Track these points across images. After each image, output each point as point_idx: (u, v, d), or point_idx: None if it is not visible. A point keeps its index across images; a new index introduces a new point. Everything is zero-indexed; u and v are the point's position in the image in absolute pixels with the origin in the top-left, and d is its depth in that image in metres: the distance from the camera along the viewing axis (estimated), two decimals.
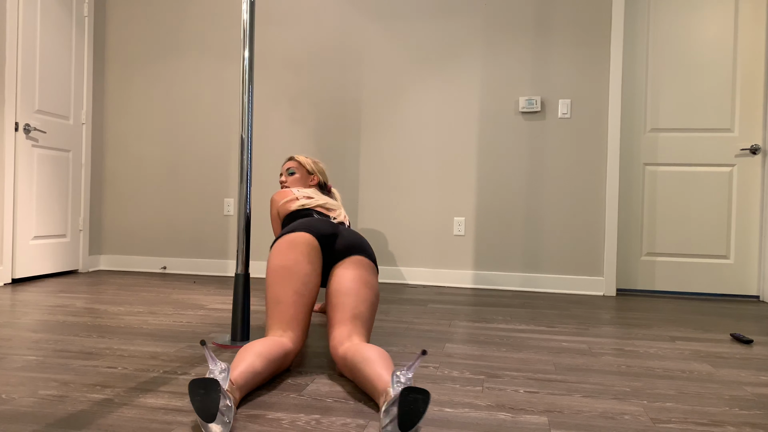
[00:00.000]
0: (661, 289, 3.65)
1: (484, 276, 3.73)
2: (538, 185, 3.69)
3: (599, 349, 2.15)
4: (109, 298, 3.02)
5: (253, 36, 2.12)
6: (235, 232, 4.08)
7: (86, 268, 4.10)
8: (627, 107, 3.67)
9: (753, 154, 3.54)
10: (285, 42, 4.01)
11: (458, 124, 3.78)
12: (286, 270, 1.79)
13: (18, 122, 3.45)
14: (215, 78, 4.11)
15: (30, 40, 3.53)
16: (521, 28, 3.71)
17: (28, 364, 1.78)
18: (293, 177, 2.66)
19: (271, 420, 1.36)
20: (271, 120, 4.03)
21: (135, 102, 4.24)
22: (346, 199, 3.93)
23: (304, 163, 2.69)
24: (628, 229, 3.68)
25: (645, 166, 3.66)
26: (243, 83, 2.12)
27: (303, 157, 2.69)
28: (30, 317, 2.48)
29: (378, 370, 1.42)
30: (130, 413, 1.38)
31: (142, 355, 1.91)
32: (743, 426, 1.39)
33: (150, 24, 4.21)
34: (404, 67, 3.85)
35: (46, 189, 3.70)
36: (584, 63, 3.63)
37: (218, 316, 2.60)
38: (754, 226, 3.55)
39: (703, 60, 3.60)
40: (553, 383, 1.70)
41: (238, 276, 2.09)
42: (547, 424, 1.37)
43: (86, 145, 4.06)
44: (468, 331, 2.42)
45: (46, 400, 1.46)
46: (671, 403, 1.55)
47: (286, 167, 2.71)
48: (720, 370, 1.89)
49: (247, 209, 2.11)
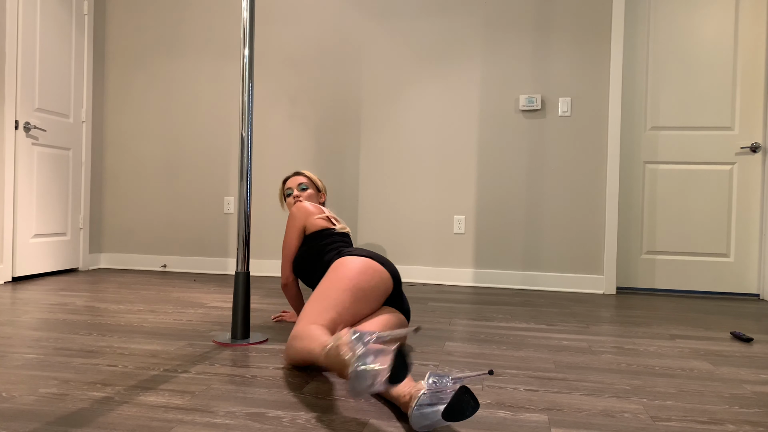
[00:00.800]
0: (661, 287, 3.65)
1: (484, 274, 3.73)
2: (538, 183, 3.68)
3: (599, 347, 2.15)
4: (109, 296, 3.03)
5: (253, 34, 2.12)
6: (235, 231, 4.09)
7: (86, 267, 4.10)
8: (627, 105, 3.67)
9: (753, 152, 3.54)
10: (285, 40, 4.01)
11: (458, 122, 3.78)
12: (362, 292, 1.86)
13: (18, 120, 3.45)
14: (215, 76, 4.11)
15: (30, 38, 3.53)
16: (521, 26, 3.70)
17: (28, 362, 1.78)
18: (307, 192, 2.47)
19: (271, 418, 1.36)
20: (271, 118, 4.03)
21: (135, 100, 4.23)
22: (345, 197, 3.93)
23: (315, 180, 2.54)
24: (629, 227, 3.68)
25: (645, 165, 3.66)
26: (243, 81, 2.11)
27: (309, 172, 2.58)
28: (30, 315, 2.49)
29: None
30: (131, 411, 1.38)
31: (143, 354, 1.91)
32: (743, 424, 1.39)
33: (150, 22, 4.21)
34: (404, 65, 3.85)
35: (46, 187, 3.70)
36: (584, 61, 3.62)
37: (218, 315, 2.60)
38: (754, 225, 3.54)
39: (704, 58, 3.59)
40: (553, 381, 1.70)
41: (238, 274, 2.09)
42: (547, 422, 1.37)
43: (86, 144, 4.06)
44: (468, 329, 2.42)
45: (46, 398, 1.46)
46: (671, 401, 1.55)
47: (297, 182, 2.49)
48: (720, 369, 1.89)
49: (247, 207, 2.11)
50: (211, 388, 1.57)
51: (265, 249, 4.02)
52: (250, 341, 2.08)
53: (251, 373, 1.72)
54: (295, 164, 3.98)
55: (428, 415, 1.23)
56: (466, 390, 1.22)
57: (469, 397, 1.22)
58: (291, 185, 2.49)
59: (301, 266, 2.23)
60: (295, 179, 2.51)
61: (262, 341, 2.10)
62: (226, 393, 1.53)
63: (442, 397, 1.24)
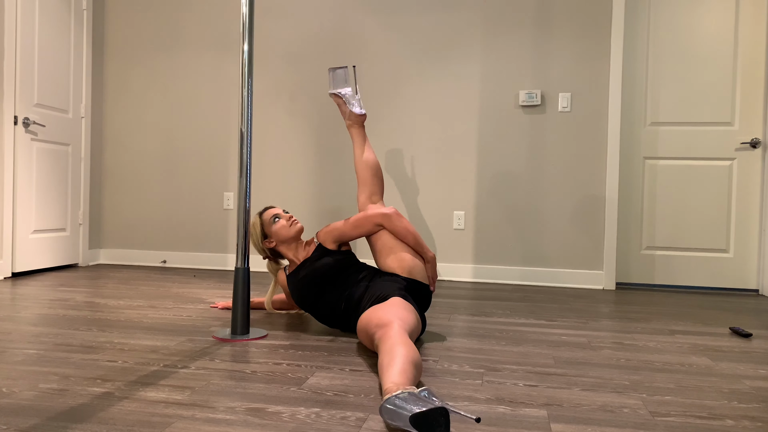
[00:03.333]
0: (660, 282, 3.65)
1: (484, 270, 3.74)
2: (538, 179, 3.68)
3: (599, 342, 2.15)
4: (109, 292, 3.03)
5: (252, 29, 2.11)
6: (234, 226, 4.08)
7: (86, 262, 4.10)
8: (627, 101, 3.67)
9: (753, 147, 3.54)
10: (284, 35, 4.00)
11: (458, 117, 3.77)
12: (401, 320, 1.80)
13: (17, 116, 3.45)
14: (215, 71, 4.10)
15: (29, 33, 3.52)
16: (521, 21, 3.69)
17: (28, 358, 1.78)
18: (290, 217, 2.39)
19: (271, 413, 1.36)
20: (270, 113, 4.02)
21: (134, 95, 4.23)
22: (345, 195, 3.92)
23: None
24: (628, 222, 3.68)
25: (645, 160, 3.66)
26: (242, 77, 2.11)
27: None
28: (30, 311, 2.49)
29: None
30: (131, 407, 1.39)
31: (143, 349, 1.91)
32: (742, 419, 1.40)
33: (149, 17, 4.20)
34: (403, 60, 3.84)
35: (46, 183, 3.70)
36: (584, 56, 3.62)
37: (218, 310, 2.60)
38: (753, 220, 3.55)
39: (704, 53, 3.59)
40: (552, 377, 1.70)
41: (238, 270, 2.09)
42: (546, 418, 1.37)
43: (85, 139, 4.06)
44: (467, 324, 2.42)
45: (46, 394, 1.46)
46: (670, 397, 1.55)
47: (280, 210, 2.34)
48: (719, 364, 1.90)
49: (246, 203, 2.11)
50: (210, 383, 1.57)
51: None
52: (249, 337, 2.08)
53: (251, 368, 1.72)
54: (294, 159, 3.98)
55: (398, 412, 1.20)
56: (446, 413, 1.18)
57: (445, 420, 1.17)
58: (276, 212, 2.32)
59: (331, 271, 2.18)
60: (273, 209, 2.35)
61: (262, 337, 2.11)
62: (226, 388, 1.53)
63: (422, 405, 1.19)
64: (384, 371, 1.42)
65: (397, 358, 1.46)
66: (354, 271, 2.19)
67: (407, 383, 1.36)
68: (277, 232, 2.28)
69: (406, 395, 1.24)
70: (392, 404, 1.23)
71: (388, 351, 1.51)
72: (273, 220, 2.29)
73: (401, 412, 1.20)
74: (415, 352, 1.53)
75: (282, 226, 2.27)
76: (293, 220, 2.31)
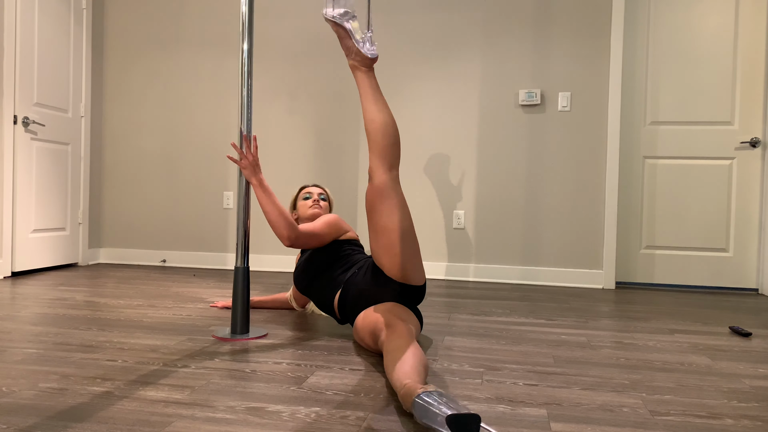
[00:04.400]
0: (660, 282, 3.65)
1: (484, 269, 3.74)
2: (537, 178, 3.68)
3: (598, 342, 2.15)
4: (108, 291, 3.03)
5: (252, 28, 2.11)
6: (234, 226, 4.08)
7: (86, 262, 4.10)
8: (627, 100, 3.67)
9: (753, 147, 3.54)
10: (284, 34, 4.00)
11: (458, 116, 3.77)
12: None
13: (17, 115, 3.44)
14: (215, 70, 4.10)
15: (28, 32, 3.52)
16: (521, 20, 3.69)
17: (28, 357, 1.78)
18: (324, 204, 2.47)
19: (271, 413, 1.36)
20: (270, 112, 4.02)
21: (134, 94, 4.22)
22: (345, 192, 3.93)
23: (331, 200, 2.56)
24: (628, 222, 3.68)
25: (645, 159, 3.66)
26: (242, 76, 2.11)
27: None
28: (30, 310, 2.49)
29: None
30: (131, 406, 1.39)
31: (142, 348, 1.91)
32: (741, 418, 1.40)
33: (149, 16, 4.19)
34: (404, 59, 3.84)
35: (46, 182, 3.70)
36: (584, 56, 3.62)
37: (218, 310, 2.60)
38: (753, 220, 3.55)
39: (704, 53, 3.59)
40: (552, 376, 1.71)
41: (237, 269, 2.09)
42: (546, 417, 1.37)
43: (85, 138, 4.06)
44: (467, 323, 2.42)
45: (46, 393, 1.46)
46: (670, 396, 1.55)
47: (318, 191, 2.47)
48: (719, 363, 1.90)
49: (246, 202, 2.11)
50: (210, 382, 1.57)
51: (265, 244, 4.02)
52: (249, 336, 2.08)
53: (251, 367, 1.72)
54: (294, 158, 3.98)
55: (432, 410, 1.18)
56: (479, 420, 1.14)
57: (476, 428, 1.14)
58: (311, 191, 2.46)
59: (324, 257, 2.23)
60: (316, 188, 2.49)
61: (262, 336, 2.11)
62: (226, 387, 1.53)
63: (453, 408, 1.17)
64: (398, 368, 1.44)
65: (411, 357, 1.49)
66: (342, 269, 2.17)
67: (422, 383, 1.37)
68: (299, 207, 2.47)
69: (436, 395, 1.23)
70: (424, 401, 1.22)
71: (399, 349, 1.54)
72: (304, 197, 2.46)
73: (435, 411, 1.18)
74: (424, 354, 1.56)
75: (303, 205, 2.45)
76: (315, 203, 2.42)
